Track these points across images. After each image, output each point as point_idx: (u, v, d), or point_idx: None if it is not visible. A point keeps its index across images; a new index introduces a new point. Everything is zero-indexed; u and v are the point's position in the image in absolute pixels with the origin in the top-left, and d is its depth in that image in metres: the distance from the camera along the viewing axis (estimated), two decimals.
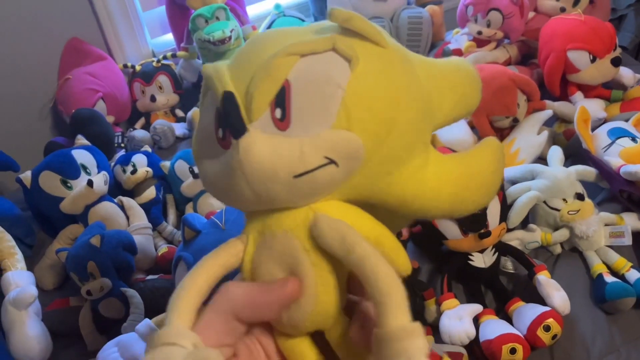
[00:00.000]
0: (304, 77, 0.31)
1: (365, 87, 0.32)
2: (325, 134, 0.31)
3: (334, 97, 0.31)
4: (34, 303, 0.94)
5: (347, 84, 0.31)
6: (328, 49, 0.32)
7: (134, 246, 1.01)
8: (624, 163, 0.96)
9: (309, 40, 0.32)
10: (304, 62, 0.31)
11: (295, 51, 0.31)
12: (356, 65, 0.32)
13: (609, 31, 1.19)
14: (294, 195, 0.32)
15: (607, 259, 0.94)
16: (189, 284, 0.32)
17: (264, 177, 0.31)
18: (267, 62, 0.31)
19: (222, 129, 0.32)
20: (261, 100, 0.31)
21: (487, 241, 0.89)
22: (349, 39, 0.32)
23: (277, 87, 0.31)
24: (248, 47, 0.34)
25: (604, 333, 0.86)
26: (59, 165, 1.09)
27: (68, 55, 1.47)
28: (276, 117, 0.31)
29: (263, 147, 0.30)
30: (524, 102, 1.19)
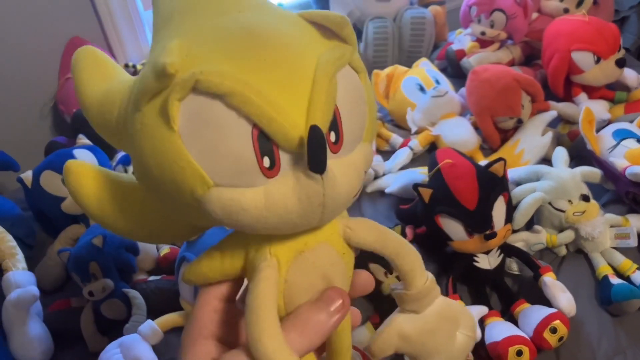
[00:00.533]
0: (345, 98, 0.31)
1: (371, 99, 0.34)
2: (362, 148, 0.33)
3: (365, 113, 0.33)
4: (35, 304, 0.93)
5: (366, 97, 0.33)
6: (349, 62, 0.32)
7: (136, 247, 1.00)
8: (629, 164, 0.95)
9: (338, 53, 0.31)
10: (339, 79, 0.31)
11: (335, 71, 0.30)
12: (365, 79, 0.33)
13: (614, 32, 1.18)
14: (338, 214, 0.34)
15: (613, 260, 0.93)
16: (279, 333, 0.31)
17: (342, 206, 0.32)
18: (324, 89, 0.29)
19: (270, 157, 0.29)
20: (325, 128, 0.29)
21: (493, 242, 0.88)
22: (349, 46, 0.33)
23: (333, 113, 0.30)
24: (265, 54, 0.29)
25: (610, 335, 0.85)
26: (61, 164, 1.06)
27: (69, 54, 1.46)
28: (331, 142, 0.31)
29: (341, 177, 0.31)
30: (528, 103, 1.19)
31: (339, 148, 0.31)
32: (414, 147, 1.21)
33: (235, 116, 0.28)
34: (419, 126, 1.25)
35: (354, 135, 0.32)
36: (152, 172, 0.30)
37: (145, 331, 0.86)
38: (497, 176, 0.88)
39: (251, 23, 0.30)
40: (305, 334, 0.32)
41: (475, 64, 1.36)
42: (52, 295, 1.06)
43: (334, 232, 0.36)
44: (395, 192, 1.10)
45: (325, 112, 0.29)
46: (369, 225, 0.37)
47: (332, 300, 0.34)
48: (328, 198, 0.30)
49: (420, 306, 0.39)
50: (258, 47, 0.29)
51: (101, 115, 0.34)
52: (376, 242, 0.36)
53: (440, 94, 1.24)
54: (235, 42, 0.29)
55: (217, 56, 0.29)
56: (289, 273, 0.34)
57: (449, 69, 1.50)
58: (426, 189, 0.89)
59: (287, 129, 0.28)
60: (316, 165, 0.28)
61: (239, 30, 0.30)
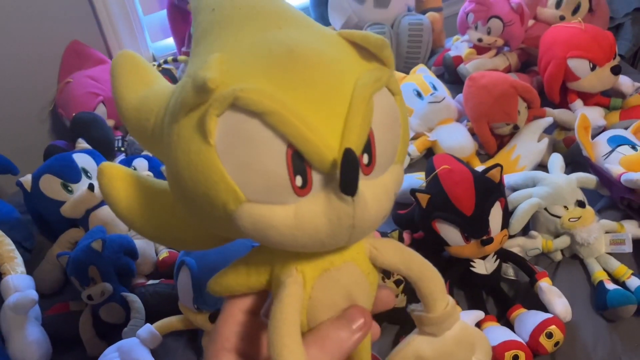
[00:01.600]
0: (380, 121, 0.31)
1: (405, 122, 0.34)
2: (393, 169, 0.33)
3: (398, 136, 0.33)
4: (33, 307, 0.93)
5: (400, 120, 0.33)
6: (386, 84, 0.32)
7: (135, 251, 1.00)
8: (624, 171, 0.96)
9: (376, 75, 0.31)
10: (375, 100, 0.31)
11: (372, 93, 0.30)
12: (400, 101, 0.33)
13: (609, 40, 1.20)
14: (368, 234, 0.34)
15: (608, 266, 0.94)
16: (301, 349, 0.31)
17: (371, 228, 0.32)
18: (358, 111, 0.29)
19: (302, 176, 0.29)
20: (359, 151, 0.30)
21: (489, 248, 0.89)
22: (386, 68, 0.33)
23: (367, 136, 0.30)
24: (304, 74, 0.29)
25: (605, 340, 0.86)
26: (60, 168, 1.09)
27: (68, 58, 1.47)
28: (364, 164, 0.31)
29: (372, 199, 0.31)
30: (525, 109, 1.20)
31: (371, 170, 0.31)
32: (411, 153, 1.22)
33: (271, 135, 0.28)
34: (416, 132, 1.26)
35: (387, 158, 0.32)
36: (185, 184, 0.30)
37: (144, 335, 0.86)
38: (493, 182, 0.89)
39: (291, 41, 0.30)
40: (326, 350, 0.33)
41: (472, 70, 1.37)
42: (51, 299, 1.06)
43: (360, 252, 0.36)
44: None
45: (360, 135, 0.29)
46: (394, 247, 0.37)
47: (354, 318, 0.34)
48: (358, 220, 0.30)
49: (439, 330, 0.39)
50: (297, 66, 0.29)
51: (137, 121, 0.35)
52: (401, 264, 0.37)
53: (437, 100, 1.25)
54: (275, 60, 0.29)
55: (256, 73, 0.29)
56: (314, 290, 0.34)
57: (446, 75, 1.51)
58: (423, 194, 0.89)
59: (322, 150, 0.28)
60: (348, 188, 0.29)
61: (279, 48, 0.30)
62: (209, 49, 0.32)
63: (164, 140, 0.32)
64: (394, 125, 0.33)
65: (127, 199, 0.36)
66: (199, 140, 0.29)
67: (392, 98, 0.33)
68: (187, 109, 0.29)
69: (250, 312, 0.37)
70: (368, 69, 0.31)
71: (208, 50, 0.32)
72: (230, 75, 0.29)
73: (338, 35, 0.33)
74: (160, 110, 0.33)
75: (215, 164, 0.29)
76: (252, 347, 0.36)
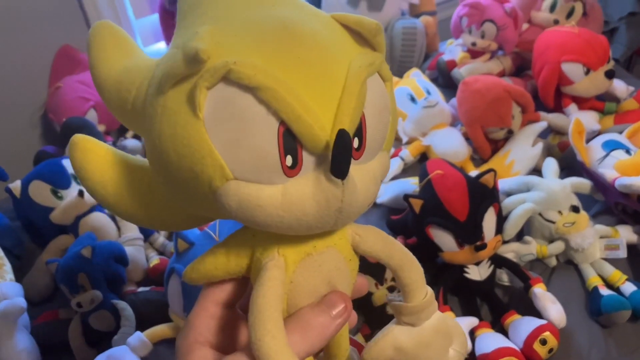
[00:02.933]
0: (372, 105, 0.31)
1: (394, 109, 0.34)
2: (381, 156, 0.33)
3: (388, 122, 0.33)
4: (22, 315, 0.92)
5: (390, 107, 0.33)
6: (378, 70, 0.32)
7: (125, 258, 0.99)
8: (618, 175, 0.96)
9: (369, 59, 0.31)
10: (368, 88, 0.31)
11: (366, 77, 0.30)
12: (390, 88, 0.33)
13: (603, 44, 1.19)
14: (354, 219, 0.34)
15: (603, 271, 0.94)
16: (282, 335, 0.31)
17: (357, 214, 0.32)
18: (352, 93, 0.29)
19: (293, 156, 0.29)
20: (352, 133, 0.29)
21: (483, 253, 0.88)
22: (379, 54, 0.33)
23: (359, 118, 0.30)
24: (299, 53, 0.29)
25: (600, 346, 0.85)
26: (50, 174, 1.07)
27: (59, 63, 1.46)
28: (354, 148, 0.31)
29: (361, 185, 0.31)
30: (519, 113, 1.19)
31: (361, 155, 0.31)
32: (405, 158, 1.22)
33: (264, 111, 0.27)
34: (409, 136, 1.26)
35: (376, 143, 0.32)
36: (168, 158, 0.29)
37: (134, 343, 0.85)
38: (487, 187, 0.89)
39: (285, 18, 0.30)
40: (308, 336, 0.33)
41: (466, 74, 1.37)
42: (40, 307, 1.04)
43: (342, 238, 0.36)
44: (387, 202, 1.10)
45: (353, 118, 0.29)
46: (376, 234, 0.37)
47: (335, 304, 0.34)
48: (346, 204, 0.30)
49: (417, 319, 0.39)
50: (292, 44, 0.29)
51: (117, 92, 0.33)
52: (382, 252, 0.37)
53: (431, 104, 1.25)
54: (269, 36, 0.29)
55: (249, 48, 0.28)
56: (295, 274, 0.34)
57: (440, 79, 1.51)
58: (417, 199, 0.89)
59: (315, 130, 0.28)
60: (339, 170, 0.28)
61: (273, 24, 0.29)
62: (198, 22, 0.31)
63: (147, 113, 0.31)
64: (384, 111, 0.33)
65: (101, 173, 0.34)
66: (186, 113, 0.28)
67: (383, 84, 0.33)
68: (175, 80, 0.28)
69: (224, 305, 0.36)
70: (361, 52, 0.32)
71: (197, 23, 0.31)
72: (222, 48, 0.28)
73: (331, 18, 0.32)
74: (143, 82, 0.31)
75: (203, 138, 0.28)
76: (227, 341, 0.35)
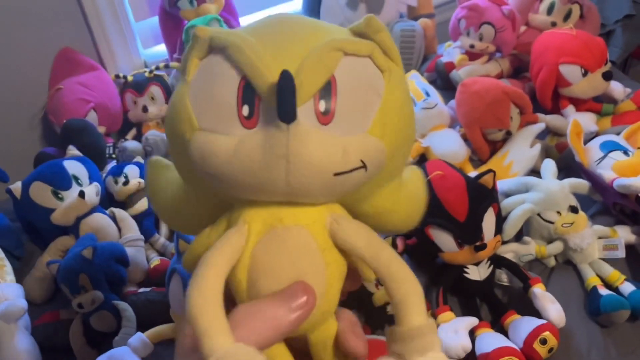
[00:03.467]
0: (348, 76, 0.31)
1: (396, 101, 0.33)
2: (362, 137, 0.31)
3: (374, 104, 0.32)
4: (23, 316, 0.92)
5: (384, 91, 0.32)
6: (367, 54, 0.32)
7: (126, 258, 0.99)
8: (616, 176, 0.96)
9: (353, 39, 0.32)
10: (347, 61, 0.31)
11: (341, 47, 0.31)
12: (389, 79, 0.32)
13: (600, 46, 1.20)
14: (324, 192, 0.32)
15: (601, 271, 0.94)
16: (210, 291, 0.29)
17: (310, 171, 0.30)
18: (318, 51, 0.30)
19: (249, 106, 0.30)
20: (309, 89, 0.29)
21: (483, 254, 0.89)
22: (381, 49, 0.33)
23: (325, 79, 0.30)
24: (281, 29, 0.32)
25: (599, 346, 0.86)
26: (50, 176, 1.08)
27: (59, 65, 1.46)
28: (319, 110, 0.30)
29: (313, 137, 0.29)
30: (517, 115, 1.20)
31: (329, 120, 0.30)
32: None
33: (228, 66, 0.31)
34: None
35: (351, 117, 0.31)
36: (167, 125, 0.34)
37: (135, 344, 0.85)
38: (486, 188, 0.89)
39: (289, 15, 0.34)
40: (257, 328, 0.29)
41: (465, 76, 1.37)
42: (41, 308, 1.04)
43: (317, 221, 0.32)
44: None
45: (311, 71, 0.30)
46: (361, 228, 0.33)
47: (295, 295, 0.31)
48: (293, 155, 0.29)
49: (407, 351, 0.30)
50: (276, 23, 0.33)
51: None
52: (366, 250, 0.32)
53: (429, 106, 1.25)
54: (263, 22, 0.33)
55: (243, 30, 0.33)
56: (257, 247, 0.32)
57: (439, 81, 1.51)
58: None
59: (266, 76, 0.29)
60: (283, 111, 0.28)
61: (273, 17, 0.34)
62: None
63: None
64: (367, 90, 0.32)
65: (164, 190, 0.38)
66: (180, 83, 0.33)
67: (374, 70, 0.32)
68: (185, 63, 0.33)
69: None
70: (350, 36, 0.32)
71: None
72: (224, 32, 0.32)
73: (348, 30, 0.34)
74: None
75: (183, 98, 0.32)
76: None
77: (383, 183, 0.35)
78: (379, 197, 0.35)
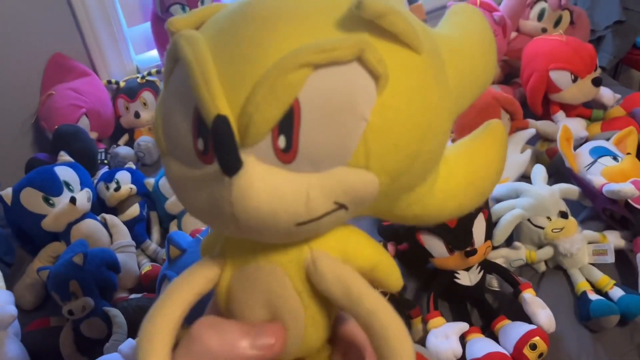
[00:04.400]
0: (318, 98, 0.24)
1: (392, 117, 0.25)
2: (339, 173, 0.25)
3: (355, 130, 0.25)
4: (13, 323, 0.91)
5: (371, 111, 0.25)
6: (353, 58, 0.24)
7: (117, 265, 0.99)
8: (606, 182, 0.97)
9: (328, 44, 0.24)
10: (319, 75, 0.24)
11: (309, 62, 0.24)
12: (385, 87, 0.25)
13: (590, 52, 1.21)
14: (287, 238, 0.28)
15: (591, 276, 0.95)
16: (162, 317, 0.29)
17: (260, 225, 0.25)
18: (272, 76, 0.24)
19: (204, 141, 0.26)
20: (262, 125, 0.24)
21: (473, 259, 0.89)
22: (380, 42, 0.25)
23: (283, 110, 0.24)
24: (246, 29, 0.26)
25: (589, 351, 0.86)
26: (41, 182, 1.07)
27: (51, 70, 1.46)
28: (279, 147, 0.25)
29: (262, 189, 0.24)
30: (507, 121, 1.21)
31: (292, 158, 0.25)
32: None
33: (186, 86, 0.26)
34: None
35: (321, 150, 0.25)
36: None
37: (126, 350, 0.84)
38: None
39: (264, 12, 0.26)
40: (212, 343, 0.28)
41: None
42: (31, 315, 1.04)
43: (293, 260, 0.29)
44: None
45: (265, 101, 0.24)
46: (342, 271, 0.28)
47: (262, 334, 0.28)
48: (238, 211, 0.25)
49: None
50: (239, 19, 0.26)
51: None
52: (343, 297, 0.28)
53: None
54: (231, 13, 0.27)
55: (214, 21, 0.28)
56: (232, 281, 0.30)
57: None
58: None
59: (211, 111, 0.24)
60: (222, 164, 0.24)
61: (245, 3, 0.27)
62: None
63: None
64: (349, 116, 0.25)
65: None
66: (161, 92, 0.29)
67: (364, 79, 0.25)
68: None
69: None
70: (330, 36, 0.25)
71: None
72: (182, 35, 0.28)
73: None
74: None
75: (157, 113, 0.29)
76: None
77: (399, 196, 0.29)
78: (400, 208, 0.30)
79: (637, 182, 0.94)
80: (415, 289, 0.99)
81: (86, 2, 1.42)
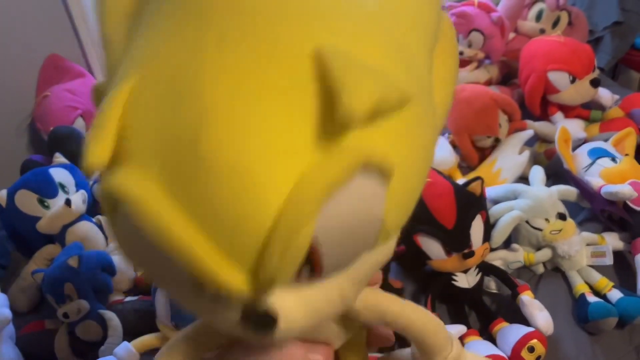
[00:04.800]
0: (333, 225, 0.23)
1: (404, 195, 0.25)
2: (364, 259, 0.26)
3: (374, 230, 0.25)
4: (7, 326, 0.91)
5: (384, 208, 0.24)
6: (357, 171, 0.22)
7: (112, 267, 0.98)
8: (604, 183, 0.97)
9: (328, 174, 0.21)
10: (328, 206, 0.22)
11: (317, 205, 0.21)
12: (392, 177, 0.24)
13: (588, 53, 1.21)
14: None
15: (589, 278, 0.94)
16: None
17: (305, 332, 0.27)
18: (283, 239, 0.21)
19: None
20: (285, 278, 0.23)
21: (471, 261, 0.88)
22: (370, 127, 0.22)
23: (303, 256, 0.22)
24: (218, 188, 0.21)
25: (587, 353, 0.86)
26: (36, 184, 1.07)
27: (47, 71, 1.45)
28: (304, 276, 0.24)
29: (297, 312, 0.25)
30: (505, 122, 1.20)
31: (317, 277, 0.25)
32: None
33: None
34: None
35: (346, 260, 0.26)
36: None
37: (121, 353, 0.84)
38: (474, 195, 0.89)
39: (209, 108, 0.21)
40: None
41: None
42: (26, 317, 1.03)
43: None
44: None
45: (280, 264, 0.22)
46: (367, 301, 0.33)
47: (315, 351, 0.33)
48: (277, 340, 0.26)
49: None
50: (197, 169, 0.21)
51: None
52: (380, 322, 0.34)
53: None
54: (179, 144, 0.21)
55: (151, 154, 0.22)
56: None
57: None
58: None
59: (229, 288, 0.22)
60: (260, 334, 0.25)
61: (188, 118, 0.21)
62: (126, 64, 0.24)
63: None
64: (365, 225, 0.24)
65: None
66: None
67: (373, 182, 0.23)
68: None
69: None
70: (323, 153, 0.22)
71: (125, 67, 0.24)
72: (124, 145, 0.22)
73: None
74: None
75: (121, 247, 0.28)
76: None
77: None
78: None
79: (636, 184, 0.93)
80: (413, 291, 0.98)
81: (82, 3, 1.42)
